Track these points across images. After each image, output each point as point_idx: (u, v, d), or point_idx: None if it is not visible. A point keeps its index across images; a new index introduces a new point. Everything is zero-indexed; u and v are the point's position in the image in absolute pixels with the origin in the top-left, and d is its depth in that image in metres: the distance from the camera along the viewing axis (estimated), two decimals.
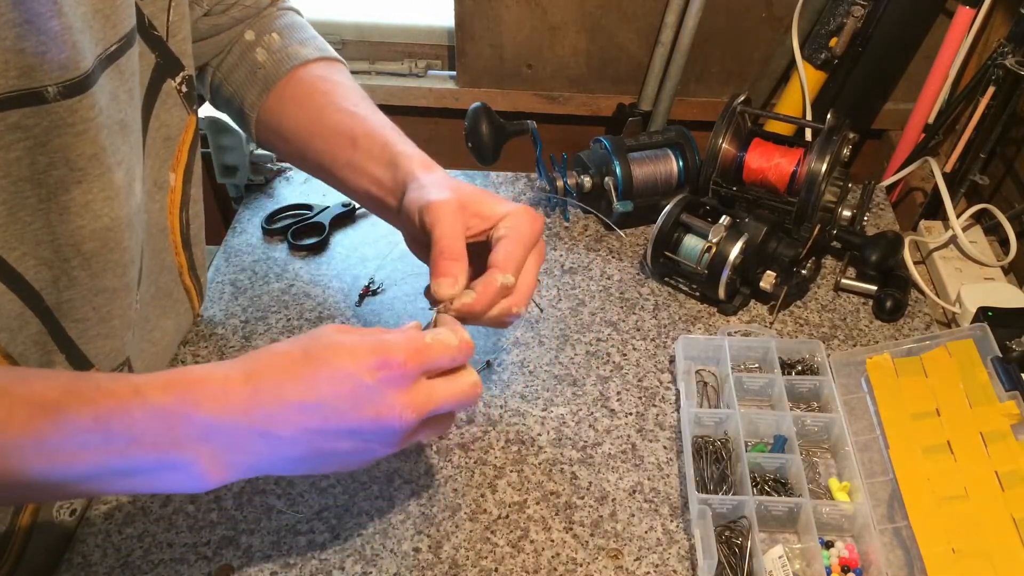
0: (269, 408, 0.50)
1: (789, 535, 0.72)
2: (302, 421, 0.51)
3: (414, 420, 0.53)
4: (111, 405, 0.48)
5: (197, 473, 0.50)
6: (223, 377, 0.51)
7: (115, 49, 0.61)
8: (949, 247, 1.05)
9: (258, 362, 0.52)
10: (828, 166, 0.88)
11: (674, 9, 1.45)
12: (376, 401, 0.51)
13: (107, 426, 0.48)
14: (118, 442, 0.48)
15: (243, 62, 0.80)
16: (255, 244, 1.00)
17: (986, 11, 1.27)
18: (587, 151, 1.04)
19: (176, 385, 0.50)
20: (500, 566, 0.68)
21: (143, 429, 0.48)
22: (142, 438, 0.48)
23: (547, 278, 0.96)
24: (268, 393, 0.50)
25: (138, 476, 0.50)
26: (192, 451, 0.50)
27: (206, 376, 0.51)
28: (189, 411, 0.49)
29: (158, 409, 0.49)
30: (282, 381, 0.51)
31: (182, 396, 0.49)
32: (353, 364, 0.51)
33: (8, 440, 0.47)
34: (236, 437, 0.50)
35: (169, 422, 0.49)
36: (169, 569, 0.68)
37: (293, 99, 0.78)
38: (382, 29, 1.60)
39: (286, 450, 0.52)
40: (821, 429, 0.78)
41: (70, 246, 0.60)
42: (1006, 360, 0.76)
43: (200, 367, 0.52)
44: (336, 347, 0.52)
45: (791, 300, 0.93)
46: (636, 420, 0.80)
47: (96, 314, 0.65)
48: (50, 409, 0.47)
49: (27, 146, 0.55)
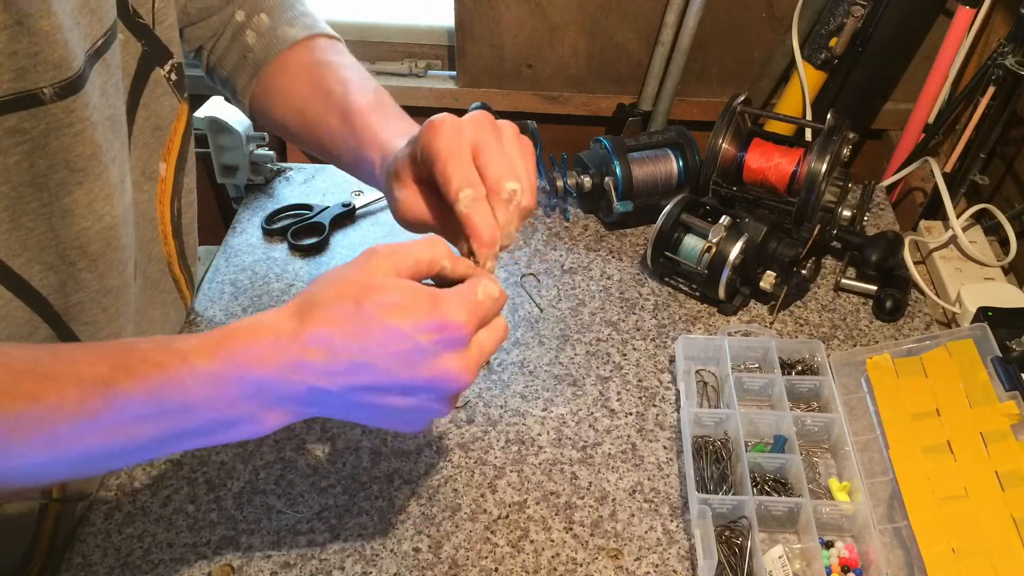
0: (319, 366, 0.49)
1: (789, 535, 0.72)
2: (353, 380, 0.49)
3: (470, 380, 0.51)
4: (162, 377, 0.48)
5: (253, 426, 0.50)
6: (273, 334, 0.49)
7: (101, 43, 0.60)
8: (949, 247, 1.05)
9: (308, 312, 0.50)
10: (828, 166, 0.88)
11: (674, 9, 1.44)
12: (432, 363, 0.49)
13: (161, 398, 0.48)
14: (173, 412, 0.48)
15: (235, 45, 0.79)
16: (255, 244, 1.00)
17: (986, 11, 1.27)
18: (587, 151, 1.04)
19: (224, 347, 0.49)
20: (500, 566, 0.68)
21: (196, 397, 0.48)
22: (196, 405, 0.48)
23: (547, 278, 0.96)
24: (319, 350, 0.49)
25: (196, 437, 0.50)
26: (246, 408, 0.49)
27: (254, 332, 0.49)
28: (240, 373, 0.48)
29: (208, 375, 0.48)
30: (333, 337, 0.49)
31: (231, 359, 0.48)
32: (410, 325, 0.48)
33: (64, 422, 0.47)
34: (288, 392, 0.49)
35: (220, 387, 0.48)
36: (169, 569, 0.68)
37: (280, 88, 0.77)
38: (382, 29, 1.60)
39: (338, 402, 0.51)
40: (821, 429, 0.78)
41: (75, 249, 0.60)
42: (1006, 360, 0.76)
43: (249, 321, 0.50)
44: (391, 303, 0.49)
45: (791, 300, 0.93)
46: (636, 420, 0.80)
47: (106, 315, 0.65)
48: (101, 387, 0.47)
49: (26, 150, 0.55)
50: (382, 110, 0.71)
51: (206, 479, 0.74)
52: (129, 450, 0.49)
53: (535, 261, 0.98)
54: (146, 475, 0.75)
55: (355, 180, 1.11)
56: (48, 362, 0.48)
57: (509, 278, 0.96)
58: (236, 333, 0.49)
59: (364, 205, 1.04)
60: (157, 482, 0.74)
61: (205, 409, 0.49)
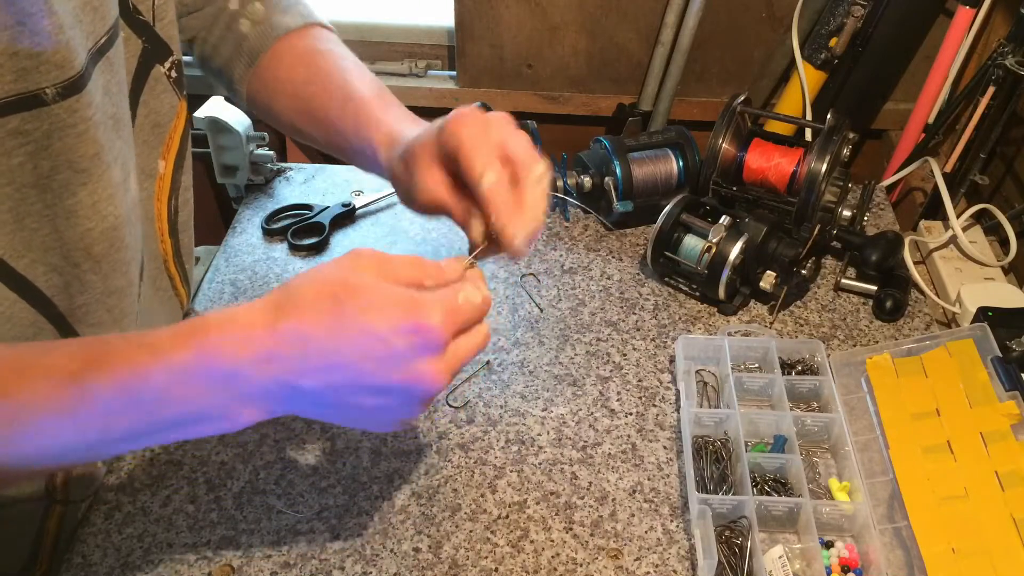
0: (291, 361, 0.49)
1: (789, 535, 0.72)
2: (325, 377, 0.49)
3: (444, 385, 0.51)
4: (132, 370, 0.48)
5: (224, 421, 0.50)
6: (246, 324, 0.49)
7: (104, 41, 0.60)
8: (949, 247, 1.05)
9: (286, 305, 0.49)
10: (828, 166, 0.88)
11: (674, 9, 1.44)
12: (406, 366, 0.49)
13: (132, 392, 0.48)
14: (146, 404, 0.48)
15: (229, 34, 0.78)
16: (255, 244, 1.00)
17: (986, 11, 1.27)
18: (587, 151, 1.04)
19: (194, 338, 0.49)
20: (500, 566, 0.68)
21: (167, 389, 0.48)
22: (167, 397, 0.48)
23: (547, 278, 0.96)
24: (291, 345, 0.48)
25: (170, 430, 0.51)
26: (216, 400, 0.49)
27: (227, 323, 0.49)
28: (208, 364, 0.48)
29: (179, 366, 0.48)
30: (308, 333, 0.48)
31: (200, 349, 0.48)
32: (386, 326, 0.48)
33: (38, 418, 0.47)
34: (258, 386, 0.49)
35: (189, 378, 0.48)
36: (169, 569, 0.68)
37: (277, 76, 0.77)
38: (382, 29, 1.60)
39: (309, 399, 0.51)
40: (821, 429, 0.78)
41: (80, 250, 0.60)
42: (1006, 360, 0.76)
43: (223, 312, 0.50)
44: (369, 304, 0.49)
45: (791, 300, 0.93)
46: (636, 420, 0.80)
47: (110, 316, 0.65)
48: (73, 382, 0.47)
49: (29, 151, 0.54)
50: (383, 96, 0.72)
51: (206, 479, 0.74)
52: (106, 442, 0.50)
53: (535, 261, 0.98)
54: (146, 475, 0.75)
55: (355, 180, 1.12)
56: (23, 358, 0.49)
57: (509, 278, 0.96)
58: (208, 324, 0.49)
59: (364, 205, 1.04)
60: (157, 482, 0.74)
61: (176, 402, 0.49)
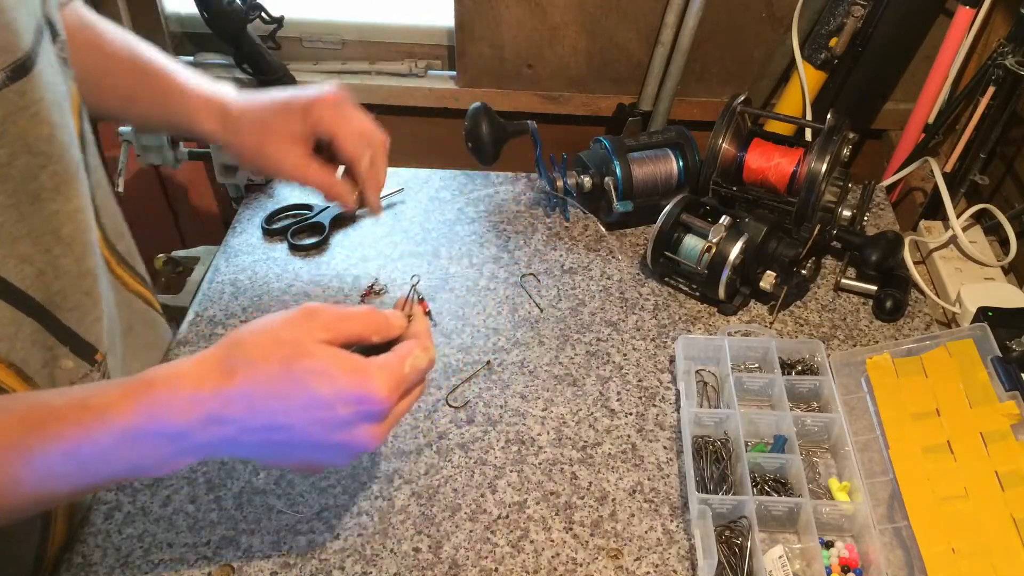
0: (236, 424, 0.51)
1: (789, 535, 0.72)
2: (267, 435, 0.51)
3: (379, 445, 0.54)
4: (77, 436, 0.49)
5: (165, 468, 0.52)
6: (193, 386, 0.50)
7: (45, 19, 0.59)
8: (949, 247, 1.05)
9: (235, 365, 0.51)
10: (828, 166, 0.88)
11: (674, 9, 1.44)
12: (347, 430, 0.52)
13: (77, 457, 0.49)
14: (91, 466, 0.50)
15: None
16: (255, 244, 1.00)
17: (986, 11, 1.27)
18: (587, 151, 1.04)
19: (142, 401, 0.50)
20: (500, 566, 0.68)
21: (112, 450, 0.50)
22: (112, 457, 0.50)
23: (547, 278, 0.96)
24: (238, 408, 0.50)
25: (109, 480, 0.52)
26: (161, 455, 0.51)
27: (174, 384, 0.50)
28: (156, 426, 0.50)
29: (125, 430, 0.49)
30: (255, 396, 0.50)
31: (148, 412, 0.50)
32: (332, 394, 0.50)
33: None
34: (203, 442, 0.51)
35: (137, 440, 0.50)
36: (169, 569, 0.68)
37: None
38: (382, 29, 1.60)
39: (247, 450, 0.53)
40: (821, 429, 0.78)
41: (48, 234, 0.59)
42: (1006, 360, 0.76)
43: (168, 370, 0.51)
44: (317, 369, 0.50)
45: (791, 300, 0.93)
46: (636, 420, 0.80)
47: (89, 298, 0.64)
48: (15, 453, 0.48)
49: None
50: (171, 62, 0.76)
51: (206, 479, 0.74)
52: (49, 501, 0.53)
53: (535, 261, 0.98)
54: None
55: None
56: None
57: (509, 278, 0.96)
58: (155, 384, 0.51)
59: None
60: (157, 482, 0.74)
61: (119, 461, 0.50)
